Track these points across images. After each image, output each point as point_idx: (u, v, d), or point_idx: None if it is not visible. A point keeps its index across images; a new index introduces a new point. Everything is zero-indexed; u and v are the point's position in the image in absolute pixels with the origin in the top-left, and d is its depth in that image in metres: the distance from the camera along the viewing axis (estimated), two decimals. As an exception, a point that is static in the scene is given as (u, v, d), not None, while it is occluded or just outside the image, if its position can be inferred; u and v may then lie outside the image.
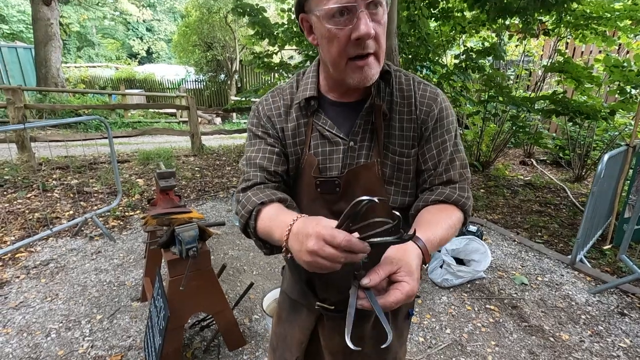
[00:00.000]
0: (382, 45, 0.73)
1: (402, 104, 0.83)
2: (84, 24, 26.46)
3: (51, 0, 9.41)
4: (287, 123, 0.87)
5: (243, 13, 5.82)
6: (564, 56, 4.86)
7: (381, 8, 0.70)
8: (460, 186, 0.83)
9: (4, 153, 5.17)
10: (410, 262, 0.63)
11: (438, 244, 0.73)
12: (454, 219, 0.79)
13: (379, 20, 0.70)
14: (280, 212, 0.73)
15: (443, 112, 0.83)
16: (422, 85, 0.84)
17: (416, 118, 0.82)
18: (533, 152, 7.31)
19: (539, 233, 3.60)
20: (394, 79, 0.84)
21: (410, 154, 0.83)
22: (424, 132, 0.82)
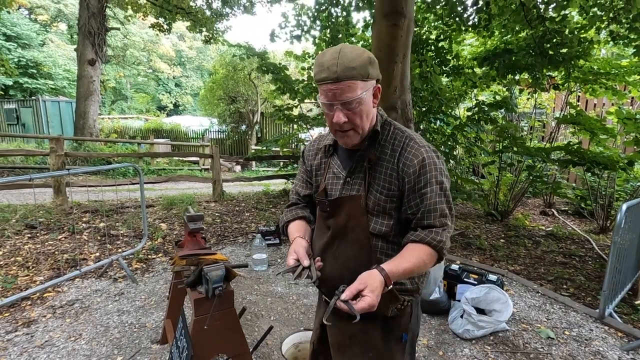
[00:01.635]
0: (358, 123, 1.03)
1: (389, 156, 1.09)
2: (120, 80, 28.90)
3: (95, 61, 10.48)
4: (314, 161, 1.26)
5: (267, 71, 6.34)
6: (575, 109, 5.00)
7: (356, 105, 0.99)
8: (436, 231, 1.04)
9: (39, 197, 5.52)
10: (373, 284, 0.94)
11: (402, 274, 1.00)
12: (424, 256, 1.03)
13: (353, 110, 0.99)
14: (295, 229, 1.21)
15: (425, 168, 1.05)
16: (412, 143, 1.08)
17: (398, 169, 1.07)
18: (554, 202, 7.20)
19: (564, 285, 3.48)
20: (386, 136, 1.11)
21: (389, 195, 1.07)
22: (406, 182, 1.06)
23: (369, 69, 0.98)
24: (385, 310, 1.10)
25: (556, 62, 4.93)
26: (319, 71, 0.99)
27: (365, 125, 1.05)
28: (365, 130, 1.06)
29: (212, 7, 13.07)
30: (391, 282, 0.97)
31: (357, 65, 0.96)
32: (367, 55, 0.99)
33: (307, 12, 6.26)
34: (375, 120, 1.10)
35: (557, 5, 4.68)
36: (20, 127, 16.18)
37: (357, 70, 0.96)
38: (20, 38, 22.57)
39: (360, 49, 0.99)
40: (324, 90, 0.99)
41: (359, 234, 1.10)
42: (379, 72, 1.04)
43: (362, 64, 0.96)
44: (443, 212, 1.05)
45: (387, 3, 3.61)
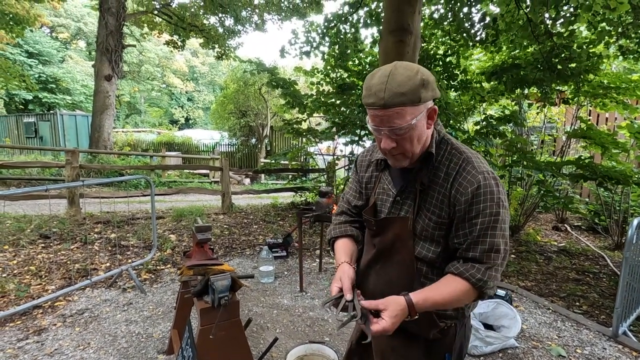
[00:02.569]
0: (408, 148, 0.97)
1: (442, 179, 1.01)
2: (134, 95, 29.71)
3: (112, 76, 10.84)
4: (366, 173, 1.22)
5: (277, 86, 6.47)
6: (586, 123, 4.96)
7: (404, 131, 0.93)
8: (479, 267, 0.96)
9: (54, 208, 5.66)
10: (395, 309, 0.92)
11: (431, 306, 0.96)
12: (459, 292, 0.96)
13: (402, 135, 0.94)
14: (343, 249, 1.18)
15: (480, 197, 0.95)
16: (469, 168, 0.99)
17: (450, 195, 0.99)
18: (566, 218, 7.07)
19: (577, 302, 3.39)
20: (442, 157, 1.03)
21: (439, 222, 1.01)
22: (457, 210, 0.98)
23: (422, 93, 0.90)
24: (426, 333, 1.08)
25: (565, 76, 4.93)
26: (366, 95, 0.94)
27: (416, 150, 0.99)
28: (416, 153, 1.00)
29: (225, 25, 13.48)
30: (416, 312, 0.93)
31: (406, 90, 0.88)
32: (419, 78, 0.90)
33: (317, 29, 6.41)
34: (430, 141, 1.02)
35: (564, 20, 4.72)
36: (38, 140, 16.71)
37: (407, 97, 0.88)
38: (42, 55, 23.50)
39: (412, 70, 0.91)
40: (372, 115, 0.95)
41: (404, 255, 1.07)
42: (435, 92, 0.95)
43: (412, 88, 0.89)
44: (492, 246, 0.96)
45: (393, 20, 3.70)
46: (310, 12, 12.12)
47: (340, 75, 6.66)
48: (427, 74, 0.93)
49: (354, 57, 6.35)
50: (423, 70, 0.92)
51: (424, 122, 0.96)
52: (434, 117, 0.99)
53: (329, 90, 6.63)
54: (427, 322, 1.04)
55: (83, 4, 26.88)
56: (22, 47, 22.22)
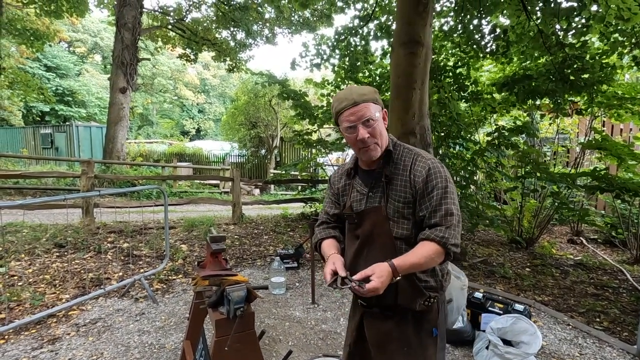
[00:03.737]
0: (379, 137, 1.26)
1: (401, 170, 1.30)
2: (147, 106, 30.35)
3: (126, 89, 11.10)
4: (339, 184, 1.47)
5: (287, 97, 6.54)
6: (601, 134, 4.89)
7: (373, 122, 1.24)
8: (440, 228, 1.20)
9: (68, 217, 5.75)
10: (381, 272, 1.13)
11: (410, 267, 1.18)
12: (430, 252, 1.19)
13: (372, 126, 1.24)
14: (329, 246, 1.39)
15: (431, 176, 1.24)
16: (420, 158, 1.30)
17: (410, 180, 1.27)
18: (582, 230, 6.91)
19: (597, 318, 3.28)
20: (397, 155, 1.33)
21: (405, 202, 1.27)
22: (417, 190, 1.25)
23: (377, 96, 1.27)
24: (413, 304, 1.28)
25: (578, 87, 4.89)
26: (339, 104, 1.25)
27: (383, 142, 1.29)
28: (383, 146, 1.29)
29: (236, 38, 13.77)
30: (399, 273, 1.16)
31: (367, 92, 1.25)
32: (372, 89, 1.28)
33: (327, 42, 6.50)
34: (388, 142, 1.32)
35: (576, 31, 4.70)
36: (54, 150, 17.11)
37: (369, 97, 1.24)
38: (59, 68, 24.26)
39: (363, 86, 1.28)
40: (346, 117, 1.24)
41: (385, 238, 1.29)
42: (381, 104, 1.29)
43: (370, 92, 1.25)
44: (447, 211, 1.21)
45: (404, 32, 3.73)
46: (321, 26, 12.32)
47: (351, 87, 6.71)
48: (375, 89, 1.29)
49: (364, 69, 6.40)
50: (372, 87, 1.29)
51: (382, 121, 1.28)
52: (385, 119, 1.30)
53: (339, 101, 6.68)
54: (412, 290, 1.26)
55: (100, 19, 27.80)
56: (41, 61, 22.98)
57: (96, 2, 13.59)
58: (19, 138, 18.53)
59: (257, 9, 12.89)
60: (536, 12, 4.82)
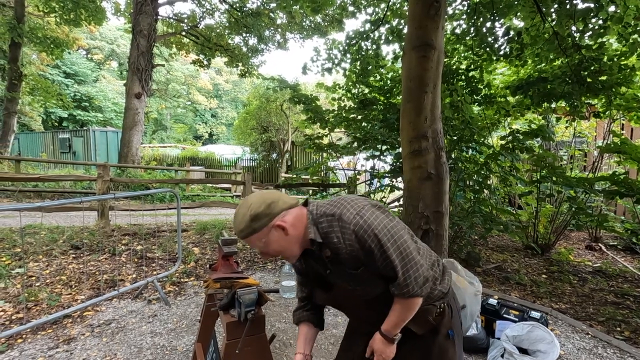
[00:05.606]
0: (277, 254, 1.22)
1: (338, 243, 1.18)
2: (161, 111, 30.93)
3: (141, 94, 11.34)
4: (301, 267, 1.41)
5: (299, 102, 6.57)
6: (620, 137, 4.76)
7: (263, 248, 1.20)
8: (397, 283, 1.16)
9: (84, 219, 5.88)
10: (376, 345, 1.28)
11: (397, 325, 1.24)
12: (402, 306, 1.20)
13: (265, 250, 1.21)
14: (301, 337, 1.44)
15: (362, 241, 1.13)
16: (341, 224, 1.16)
17: (348, 251, 1.17)
18: (600, 236, 6.71)
19: (618, 328, 3.17)
20: (327, 229, 1.19)
21: (359, 270, 1.20)
22: (362, 256, 1.16)
23: (254, 225, 1.16)
24: (424, 325, 1.29)
25: (595, 89, 4.78)
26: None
27: (288, 251, 1.22)
28: (293, 252, 1.23)
29: (249, 44, 13.95)
30: (393, 334, 1.24)
31: (243, 227, 1.17)
32: (249, 215, 1.15)
33: (338, 46, 6.52)
34: (306, 231, 1.20)
35: (593, 33, 4.60)
36: (72, 154, 17.56)
37: (246, 232, 1.17)
38: (77, 75, 24.95)
39: (245, 207, 1.17)
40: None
41: (359, 304, 1.32)
42: (272, 214, 1.16)
43: (246, 226, 1.16)
44: (393, 263, 1.13)
45: (416, 36, 3.71)
46: (332, 30, 12.38)
47: (362, 91, 6.70)
48: (257, 207, 1.16)
49: (376, 73, 6.39)
50: (254, 207, 1.16)
51: (276, 236, 1.18)
52: (283, 227, 1.17)
53: (350, 105, 6.68)
54: (419, 317, 1.25)
55: (117, 27, 28.56)
56: (61, 68, 23.69)
57: (113, 10, 13.97)
58: (39, 142, 19.09)
59: (269, 15, 13.05)
60: (551, 13, 4.74)
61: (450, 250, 4.56)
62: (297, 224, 1.20)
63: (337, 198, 1.26)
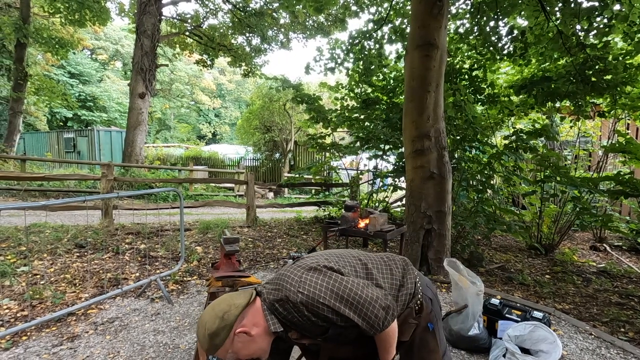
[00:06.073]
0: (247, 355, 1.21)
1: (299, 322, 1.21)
2: (165, 111, 31.06)
3: (145, 94, 11.39)
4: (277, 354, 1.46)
5: (302, 101, 6.58)
6: (625, 137, 4.73)
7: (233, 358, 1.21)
8: (365, 328, 1.19)
9: (88, 219, 5.92)
10: None
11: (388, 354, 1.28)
12: (380, 342, 1.27)
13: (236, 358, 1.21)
14: None
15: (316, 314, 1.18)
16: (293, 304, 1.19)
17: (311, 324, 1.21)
18: (605, 237, 6.67)
19: (622, 329, 3.15)
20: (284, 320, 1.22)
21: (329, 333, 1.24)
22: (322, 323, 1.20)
23: (216, 341, 1.16)
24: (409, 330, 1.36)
25: (600, 88, 4.75)
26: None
27: (257, 350, 1.22)
28: (261, 350, 1.24)
29: (252, 44, 13.97)
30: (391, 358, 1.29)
31: (207, 347, 1.18)
32: (207, 334, 1.16)
33: (341, 46, 6.52)
34: (265, 325, 1.22)
35: (598, 32, 4.57)
36: (76, 154, 17.68)
37: (211, 350, 1.18)
38: (82, 75, 25.11)
39: (202, 331, 1.18)
40: None
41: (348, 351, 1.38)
42: (228, 323, 1.17)
43: (208, 345, 1.17)
44: (348, 318, 1.18)
45: (419, 35, 3.71)
46: (335, 30, 12.38)
47: (364, 91, 6.70)
48: (211, 325, 1.16)
49: (378, 72, 6.39)
50: (209, 325, 1.17)
51: (241, 341, 1.19)
52: (247, 330, 1.19)
53: (353, 105, 6.68)
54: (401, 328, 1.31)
55: (121, 27, 28.71)
56: (65, 68, 23.85)
57: (118, 11, 14.05)
58: (44, 142, 19.24)
59: (272, 15, 13.07)
60: (555, 12, 4.71)
61: (453, 250, 4.56)
62: (256, 321, 1.22)
63: (276, 276, 1.29)
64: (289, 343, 1.36)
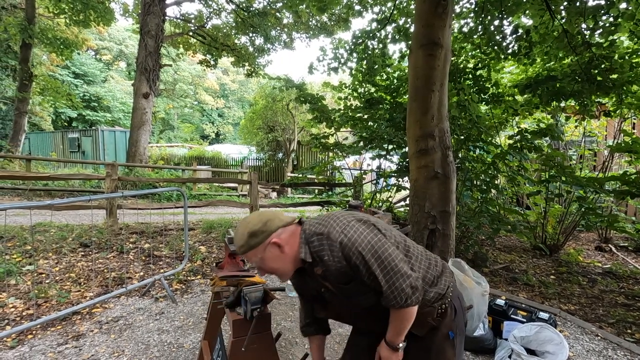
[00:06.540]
0: (271, 270, 1.31)
1: (328, 261, 1.24)
2: (168, 111, 31.16)
3: (149, 94, 11.43)
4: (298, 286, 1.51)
5: (305, 101, 6.57)
6: (631, 136, 4.68)
7: (259, 263, 1.29)
8: (386, 295, 1.20)
9: (93, 218, 5.95)
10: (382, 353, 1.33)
11: (399, 334, 1.28)
12: (398, 316, 1.24)
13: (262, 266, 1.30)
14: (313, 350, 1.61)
15: (348, 257, 1.20)
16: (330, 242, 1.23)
17: (337, 267, 1.23)
18: (610, 237, 6.61)
19: (629, 330, 3.12)
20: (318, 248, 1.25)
21: (349, 285, 1.26)
22: (350, 271, 1.23)
23: (252, 242, 1.26)
24: (425, 326, 1.32)
25: (606, 88, 4.70)
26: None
27: (281, 269, 1.31)
28: (287, 270, 1.31)
29: (255, 44, 13.98)
30: (396, 343, 1.28)
31: (242, 244, 1.28)
32: (247, 233, 1.26)
33: (344, 46, 6.51)
34: (297, 250, 1.28)
35: (604, 30, 4.53)
36: (81, 154, 17.78)
37: (244, 247, 1.28)
38: (87, 75, 25.24)
39: (245, 227, 1.28)
40: None
41: (357, 313, 1.37)
42: (268, 231, 1.26)
43: (244, 242, 1.27)
44: (378, 276, 1.19)
45: (423, 34, 3.69)
46: (338, 30, 12.36)
47: (368, 90, 6.68)
48: (254, 225, 1.26)
49: (382, 72, 6.37)
50: (251, 224, 1.27)
51: (272, 253, 1.27)
52: (279, 244, 1.26)
53: (356, 105, 6.67)
54: (418, 320, 1.27)
55: (125, 27, 28.83)
56: (70, 69, 23.98)
57: (122, 11, 14.10)
58: (49, 142, 19.36)
59: (275, 15, 13.07)
60: (560, 11, 4.68)
61: (457, 251, 4.53)
62: (291, 242, 1.29)
63: (326, 215, 1.34)
64: (311, 282, 1.36)
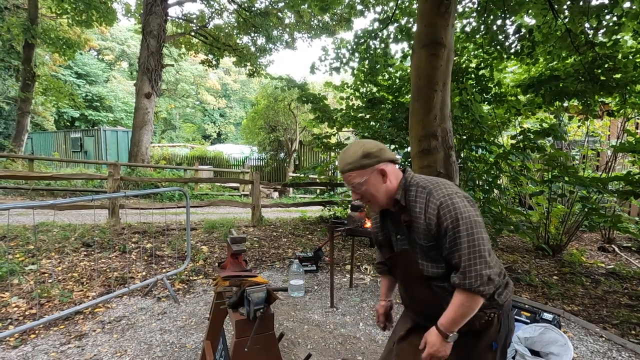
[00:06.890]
0: (370, 198, 1.32)
1: (418, 213, 1.25)
2: (170, 111, 31.21)
3: (151, 94, 11.45)
4: (376, 227, 1.50)
5: (307, 101, 6.56)
6: (634, 136, 4.65)
7: (360, 186, 1.29)
8: (462, 272, 1.16)
9: (95, 218, 5.96)
10: (431, 342, 1.23)
11: (454, 323, 1.19)
12: (462, 300, 1.17)
13: (359, 191, 1.30)
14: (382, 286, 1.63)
15: (441, 217, 1.18)
16: (431, 198, 1.23)
17: (426, 224, 1.22)
18: (614, 238, 6.58)
19: (633, 331, 3.10)
20: (414, 197, 1.27)
21: (428, 244, 1.24)
22: (435, 232, 1.20)
23: (364, 161, 1.27)
24: (471, 326, 1.25)
25: (609, 87, 4.68)
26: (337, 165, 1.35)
27: (380, 198, 1.31)
28: (382, 200, 1.31)
29: (257, 44, 13.99)
30: (449, 330, 1.19)
31: (352, 161, 1.27)
32: (361, 151, 1.27)
33: (346, 45, 6.50)
34: (397, 189, 1.30)
35: (607, 30, 4.50)
36: (83, 154, 17.83)
37: (353, 165, 1.27)
38: (89, 75, 25.31)
39: (359, 145, 1.29)
40: (344, 179, 1.33)
41: (418, 279, 1.31)
42: (381, 157, 1.28)
43: (355, 159, 1.27)
44: (469, 250, 1.15)
45: (426, 34, 3.68)
46: (340, 30, 12.36)
47: (370, 90, 6.67)
48: (370, 147, 1.28)
49: (384, 71, 6.36)
50: (368, 145, 1.28)
51: (376, 180, 1.28)
52: (386, 174, 1.28)
53: (358, 104, 6.66)
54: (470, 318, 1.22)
55: (127, 28, 28.90)
56: (72, 69, 24.05)
57: (124, 11, 14.13)
58: (51, 142, 19.42)
59: (277, 15, 13.07)
60: (564, 10, 4.66)
61: (459, 251, 4.51)
62: (393, 179, 1.31)
63: (434, 178, 1.32)
64: (392, 227, 1.38)
